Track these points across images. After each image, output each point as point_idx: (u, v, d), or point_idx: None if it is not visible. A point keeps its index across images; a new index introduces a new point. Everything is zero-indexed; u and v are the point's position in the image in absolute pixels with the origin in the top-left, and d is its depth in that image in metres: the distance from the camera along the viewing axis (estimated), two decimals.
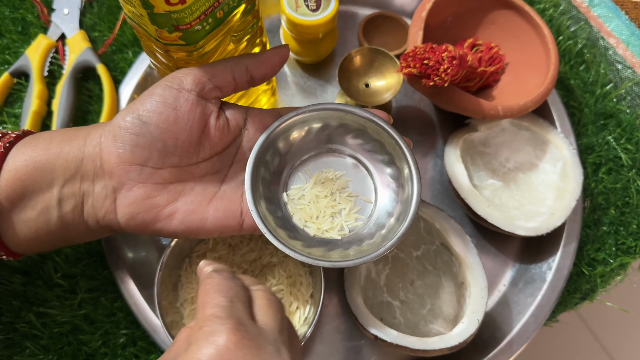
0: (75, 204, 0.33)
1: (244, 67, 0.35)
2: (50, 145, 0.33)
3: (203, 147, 0.34)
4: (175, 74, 0.34)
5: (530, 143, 0.49)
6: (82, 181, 0.33)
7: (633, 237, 0.48)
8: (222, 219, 0.34)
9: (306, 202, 0.37)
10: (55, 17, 0.53)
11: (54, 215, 0.33)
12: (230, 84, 0.35)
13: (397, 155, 0.37)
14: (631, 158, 0.50)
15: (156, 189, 0.34)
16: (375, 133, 0.37)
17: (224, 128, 0.35)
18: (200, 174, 0.35)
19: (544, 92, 0.45)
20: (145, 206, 0.33)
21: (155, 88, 0.33)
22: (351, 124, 0.38)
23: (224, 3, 0.33)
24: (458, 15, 0.49)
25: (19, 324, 0.43)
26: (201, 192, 0.35)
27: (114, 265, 0.44)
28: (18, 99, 0.51)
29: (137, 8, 0.31)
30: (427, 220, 0.44)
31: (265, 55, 0.36)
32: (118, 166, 0.33)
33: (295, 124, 0.37)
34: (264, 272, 0.43)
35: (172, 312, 0.41)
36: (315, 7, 0.46)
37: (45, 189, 0.33)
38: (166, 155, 0.33)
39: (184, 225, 0.34)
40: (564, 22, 0.54)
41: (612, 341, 0.93)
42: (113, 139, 0.33)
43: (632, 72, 0.53)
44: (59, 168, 0.33)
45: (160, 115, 0.33)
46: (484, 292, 0.41)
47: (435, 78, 0.40)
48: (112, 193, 0.33)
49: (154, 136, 0.33)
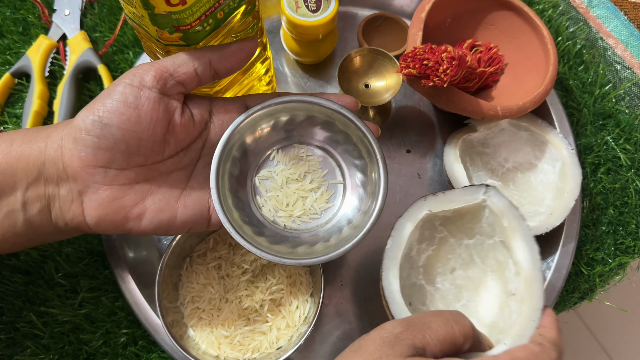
0: (41, 207, 0.33)
1: (207, 61, 0.34)
2: (10, 148, 0.32)
3: (168, 144, 0.34)
4: (135, 70, 0.33)
5: (529, 143, 0.49)
6: (46, 184, 0.33)
7: (632, 236, 0.48)
8: (190, 216, 0.34)
9: (278, 186, 0.37)
10: (56, 17, 0.53)
11: (20, 219, 0.32)
12: (193, 79, 0.33)
13: (364, 148, 0.36)
14: (630, 158, 0.50)
15: (122, 190, 0.33)
16: (343, 125, 0.37)
17: (188, 123, 0.34)
18: (166, 170, 0.34)
19: (543, 92, 0.45)
20: (112, 208, 0.33)
21: (116, 86, 0.32)
22: (319, 115, 0.37)
23: (225, 4, 0.33)
24: (457, 16, 0.49)
25: (20, 323, 0.43)
26: (168, 189, 0.34)
27: (114, 265, 0.44)
28: (19, 99, 0.51)
29: (137, 9, 0.32)
30: (495, 213, 0.38)
31: (230, 49, 0.34)
32: (81, 169, 0.32)
33: (261, 117, 0.36)
34: (264, 272, 0.44)
35: (172, 312, 0.41)
36: (315, 8, 0.46)
37: (8, 193, 0.32)
38: (130, 156, 0.33)
39: (153, 224, 0.34)
40: (563, 22, 0.54)
41: (610, 340, 0.93)
42: (74, 141, 0.32)
43: (631, 72, 0.53)
44: (21, 171, 0.32)
45: (121, 115, 0.32)
46: (537, 314, 0.34)
47: (434, 78, 0.41)
48: (78, 196, 0.33)
49: (116, 138, 0.32)
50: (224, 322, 0.42)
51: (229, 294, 0.43)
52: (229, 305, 0.42)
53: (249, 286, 0.43)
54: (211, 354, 0.41)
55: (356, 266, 0.47)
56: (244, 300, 0.43)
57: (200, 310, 0.43)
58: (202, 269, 0.43)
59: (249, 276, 0.43)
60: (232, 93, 0.44)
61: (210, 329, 0.42)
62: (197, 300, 0.43)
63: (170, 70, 0.33)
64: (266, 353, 0.41)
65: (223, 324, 0.42)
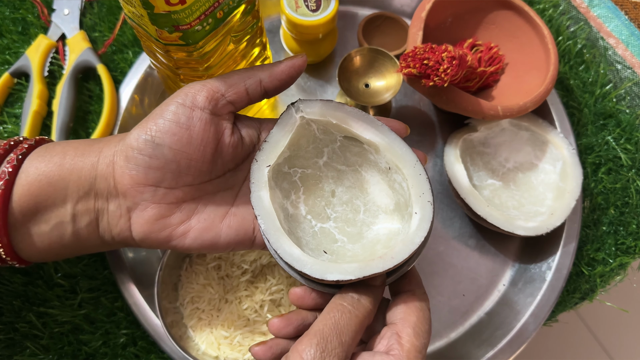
0: (89, 220, 0.33)
1: (257, 80, 0.34)
2: (63, 161, 0.33)
3: (216, 164, 0.34)
4: (187, 89, 0.33)
5: (529, 143, 0.49)
6: (96, 199, 0.33)
7: (632, 237, 0.48)
8: (234, 236, 0.34)
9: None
10: (56, 17, 0.53)
11: (68, 230, 0.33)
12: (244, 98, 0.34)
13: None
14: (631, 158, 0.50)
15: (169, 208, 0.33)
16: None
17: (237, 144, 0.34)
18: (212, 190, 0.35)
19: (544, 92, 0.45)
20: (159, 226, 0.33)
21: (168, 106, 0.33)
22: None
23: (224, 3, 0.33)
24: (458, 16, 0.49)
25: (19, 323, 0.43)
26: (214, 209, 0.34)
27: (114, 265, 0.44)
28: (18, 99, 0.51)
29: (137, 8, 0.31)
30: (319, 120, 0.36)
31: (280, 68, 0.35)
32: (131, 187, 0.32)
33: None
34: (264, 272, 0.44)
35: (172, 312, 0.41)
36: (315, 8, 0.46)
37: (59, 205, 0.32)
38: (179, 176, 0.33)
39: (197, 242, 0.34)
40: (564, 22, 0.54)
41: (611, 341, 0.93)
42: (126, 159, 0.32)
43: (631, 72, 0.53)
44: (73, 184, 0.32)
45: (173, 136, 0.32)
46: (418, 168, 0.34)
47: (435, 78, 0.41)
48: (126, 212, 0.33)
49: (167, 158, 0.32)
50: (224, 322, 0.42)
51: (228, 295, 0.43)
52: (228, 305, 0.42)
53: (249, 286, 0.43)
54: (211, 355, 0.41)
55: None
56: (244, 300, 0.43)
57: (199, 311, 0.42)
58: (201, 269, 0.43)
59: (249, 276, 0.43)
60: None
61: (210, 330, 0.42)
62: (197, 300, 0.43)
63: (222, 90, 0.33)
64: None
65: (223, 325, 0.42)
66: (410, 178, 0.34)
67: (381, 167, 0.36)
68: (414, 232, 0.32)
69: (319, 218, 0.37)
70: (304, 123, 0.36)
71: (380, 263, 0.31)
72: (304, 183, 0.37)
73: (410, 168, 0.34)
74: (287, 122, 0.35)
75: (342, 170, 0.38)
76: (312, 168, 0.38)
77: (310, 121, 0.36)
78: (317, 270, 0.31)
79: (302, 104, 0.35)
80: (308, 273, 0.31)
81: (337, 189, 0.38)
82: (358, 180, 0.38)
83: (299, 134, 0.36)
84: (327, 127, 0.36)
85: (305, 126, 0.36)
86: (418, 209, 0.33)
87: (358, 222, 0.37)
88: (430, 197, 0.33)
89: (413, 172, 0.34)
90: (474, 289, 0.47)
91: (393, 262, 0.31)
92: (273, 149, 0.34)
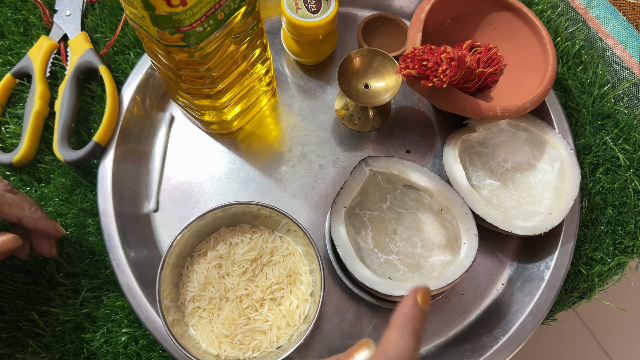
0: None
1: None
2: None
3: None
4: None
5: (528, 143, 0.49)
6: None
7: (630, 236, 0.48)
8: None
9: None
10: (57, 18, 0.53)
11: None
12: None
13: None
14: (628, 158, 0.50)
15: None
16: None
17: None
18: None
19: (542, 92, 0.45)
20: None
21: None
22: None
23: (225, 5, 0.34)
24: (456, 17, 0.50)
25: (21, 322, 0.43)
26: None
27: (115, 265, 0.44)
28: (20, 100, 0.51)
29: (138, 10, 0.32)
30: (383, 172, 0.45)
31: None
32: None
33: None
34: (264, 271, 0.44)
35: (173, 311, 0.41)
36: (315, 9, 0.46)
37: None
38: None
39: None
40: (562, 23, 0.55)
41: (609, 340, 0.93)
42: None
43: (629, 72, 0.53)
44: None
45: None
46: (465, 208, 0.43)
47: (434, 79, 0.41)
48: None
49: None
50: (225, 321, 0.42)
51: (229, 293, 0.43)
52: (229, 304, 0.43)
53: (250, 285, 0.43)
54: (212, 353, 0.41)
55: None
56: (245, 299, 0.43)
57: (200, 310, 0.43)
58: (202, 268, 0.44)
59: (250, 275, 0.43)
60: (232, 93, 0.44)
61: (211, 328, 0.42)
62: (198, 299, 0.43)
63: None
64: (266, 352, 0.41)
65: (223, 323, 0.42)
66: (459, 216, 0.43)
67: (434, 209, 0.46)
68: (463, 258, 0.41)
69: (384, 251, 0.45)
70: (372, 174, 0.45)
71: (437, 282, 0.40)
72: (371, 223, 0.46)
73: (458, 208, 0.44)
74: (358, 173, 0.45)
75: (402, 212, 0.47)
76: (377, 211, 0.47)
77: (377, 173, 0.46)
78: (386, 288, 0.40)
79: (370, 159, 0.45)
80: (379, 290, 0.40)
81: (398, 228, 0.46)
82: (415, 220, 0.46)
83: (367, 183, 0.45)
84: (390, 177, 0.46)
85: (373, 177, 0.46)
86: (466, 240, 0.42)
87: (416, 255, 0.45)
88: (475, 230, 0.42)
89: (460, 211, 0.43)
90: (473, 288, 0.48)
91: (447, 281, 0.40)
92: (348, 194, 0.44)
